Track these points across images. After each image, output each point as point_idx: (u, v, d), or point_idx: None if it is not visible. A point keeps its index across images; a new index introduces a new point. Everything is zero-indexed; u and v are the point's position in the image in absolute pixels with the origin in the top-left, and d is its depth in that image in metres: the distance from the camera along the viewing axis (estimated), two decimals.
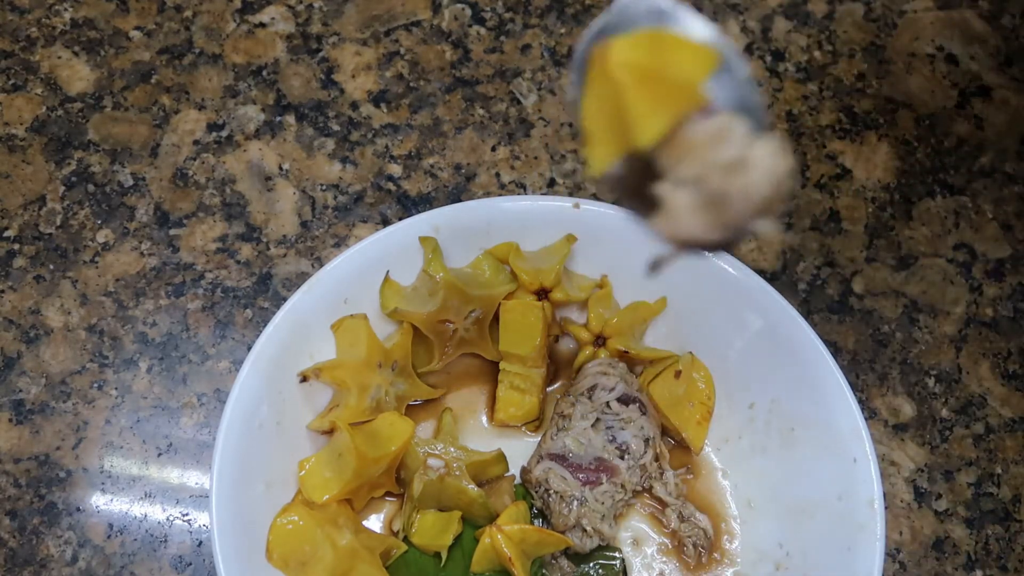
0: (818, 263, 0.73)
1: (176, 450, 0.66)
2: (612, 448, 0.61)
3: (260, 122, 0.76)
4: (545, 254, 0.64)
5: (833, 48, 0.81)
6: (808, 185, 0.75)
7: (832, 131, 0.78)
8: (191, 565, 0.63)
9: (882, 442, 0.67)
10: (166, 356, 0.68)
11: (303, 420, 0.61)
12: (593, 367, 0.63)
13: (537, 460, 0.62)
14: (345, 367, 0.61)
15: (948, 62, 0.81)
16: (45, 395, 0.67)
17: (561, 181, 0.75)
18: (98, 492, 0.64)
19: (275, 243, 0.72)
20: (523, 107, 0.78)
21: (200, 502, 0.64)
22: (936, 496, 0.66)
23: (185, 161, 0.75)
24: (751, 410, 0.63)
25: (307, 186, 0.74)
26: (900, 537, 0.65)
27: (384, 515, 0.62)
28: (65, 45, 0.79)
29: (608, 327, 0.64)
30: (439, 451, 0.60)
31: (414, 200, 0.74)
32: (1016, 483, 0.66)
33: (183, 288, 0.70)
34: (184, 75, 0.78)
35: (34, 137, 0.75)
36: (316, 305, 0.61)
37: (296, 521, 0.57)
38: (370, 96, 0.78)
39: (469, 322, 0.63)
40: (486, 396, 0.65)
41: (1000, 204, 0.75)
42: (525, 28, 0.81)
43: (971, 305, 0.72)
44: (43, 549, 0.63)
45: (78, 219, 0.72)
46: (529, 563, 0.58)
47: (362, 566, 0.57)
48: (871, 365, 0.69)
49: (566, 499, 0.60)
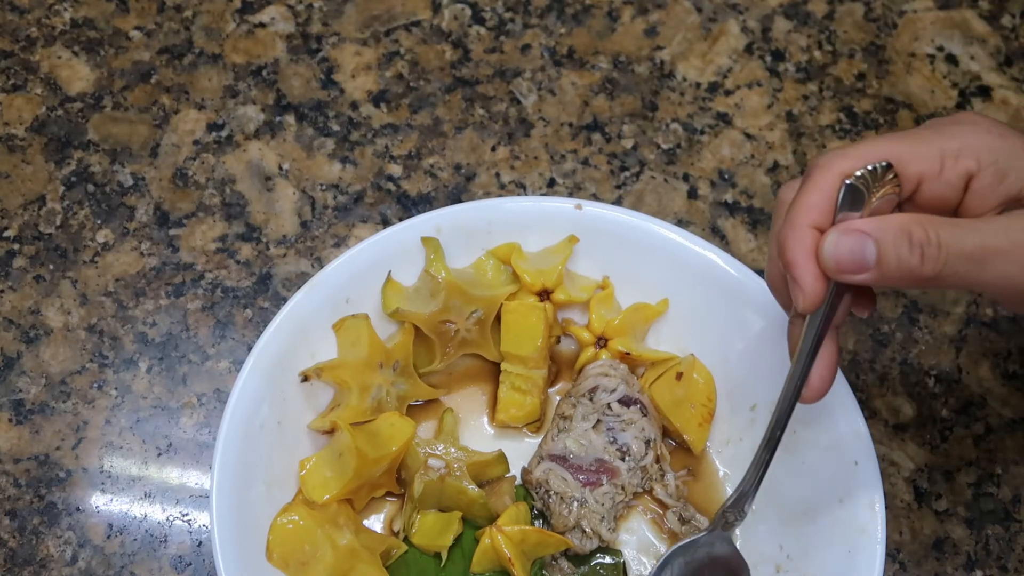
0: None
1: (176, 450, 0.66)
2: (613, 449, 0.61)
3: (260, 122, 0.76)
4: (547, 255, 0.64)
5: (833, 48, 0.81)
6: None
7: (832, 131, 0.78)
8: (191, 565, 0.63)
9: (882, 442, 0.67)
10: (166, 356, 0.68)
11: (304, 420, 0.61)
12: (594, 368, 0.63)
13: (538, 461, 0.62)
14: (346, 367, 0.61)
15: (948, 62, 0.81)
16: (45, 395, 0.67)
17: (561, 181, 0.75)
18: (98, 492, 0.64)
19: (275, 243, 0.72)
20: (523, 107, 0.78)
21: (200, 502, 0.64)
22: (936, 496, 0.66)
23: (185, 161, 0.75)
24: (752, 412, 0.63)
25: (307, 186, 0.74)
26: (900, 537, 0.65)
27: (384, 515, 0.62)
28: (65, 45, 0.79)
29: (610, 328, 0.64)
30: (440, 451, 0.60)
31: (414, 200, 0.74)
32: (1016, 483, 0.66)
33: (183, 288, 0.70)
34: (184, 75, 0.78)
35: (34, 137, 0.75)
36: (318, 305, 0.61)
37: (296, 521, 0.57)
38: (370, 96, 0.77)
39: (471, 323, 0.63)
40: (487, 397, 0.65)
41: None
42: (525, 28, 0.81)
43: (971, 305, 0.72)
44: (43, 549, 0.63)
45: (78, 219, 0.72)
46: (529, 564, 0.58)
47: (362, 566, 0.57)
48: (871, 365, 0.69)
49: (566, 500, 0.60)
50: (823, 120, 0.78)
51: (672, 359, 0.65)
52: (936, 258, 0.46)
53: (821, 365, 0.51)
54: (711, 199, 0.75)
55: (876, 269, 0.46)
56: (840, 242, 0.47)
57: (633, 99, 0.78)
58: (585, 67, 0.79)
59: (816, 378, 0.51)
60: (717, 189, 0.75)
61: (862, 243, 0.46)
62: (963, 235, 0.46)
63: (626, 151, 0.76)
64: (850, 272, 0.47)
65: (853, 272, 0.47)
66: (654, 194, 0.75)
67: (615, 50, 0.80)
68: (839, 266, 0.47)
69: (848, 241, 0.47)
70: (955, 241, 0.46)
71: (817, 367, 0.51)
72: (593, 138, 0.77)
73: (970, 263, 0.46)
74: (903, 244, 0.46)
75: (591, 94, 0.78)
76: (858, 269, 0.47)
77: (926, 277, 0.46)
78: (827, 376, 0.51)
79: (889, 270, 0.46)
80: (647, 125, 0.77)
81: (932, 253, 0.46)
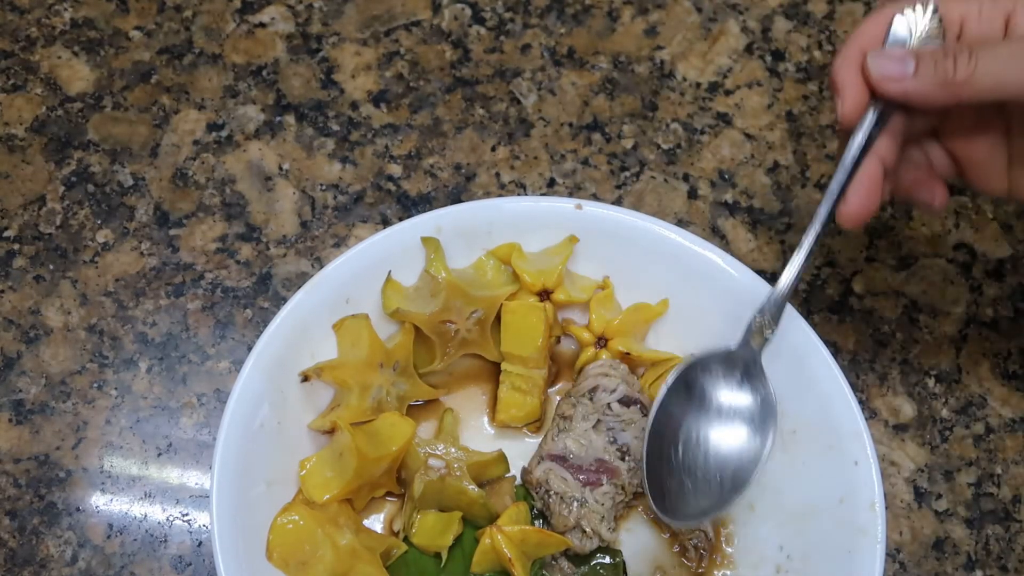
0: (818, 263, 0.73)
1: (176, 450, 0.66)
2: (613, 449, 0.61)
3: (260, 122, 0.76)
4: (547, 255, 0.64)
5: (833, 48, 0.81)
6: (808, 185, 0.75)
7: (832, 131, 0.78)
8: (191, 565, 0.63)
9: (882, 442, 0.67)
10: (166, 356, 0.68)
11: (304, 420, 0.61)
12: (595, 368, 0.63)
13: (538, 461, 0.62)
14: (346, 367, 0.61)
15: None
16: (45, 395, 0.67)
17: (561, 181, 0.75)
18: (98, 492, 0.64)
19: (275, 243, 0.72)
20: (523, 107, 0.78)
21: (200, 502, 0.64)
22: (936, 496, 0.66)
23: (185, 161, 0.75)
24: None
25: (307, 186, 0.74)
26: (900, 537, 0.65)
27: (385, 515, 0.62)
28: (65, 45, 0.79)
29: (610, 328, 0.64)
30: (440, 451, 0.60)
31: (414, 200, 0.74)
32: (1016, 483, 0.66)
33: (183, 288, 0.70)
34: (184, 75, 0.78)
35: (34, 137, 0.75)
36: (318, 304, 0.61)
37: (296, 521, 0.57)
38: (370, 96, 0.78)
39: (471, 323, 0.63)
40: (487, 397, 0.65)
41: (1000, 204, 0.75)
42: (525, 28, 0.81)
43: (971, 305, 0.72)
44: (43, 549, 0.63)
45: (78, 219, 0.72)
46: (529, 564, 0.58)
47: (362, 566, 0.57)
48: (871, 365, 0.69)
49: (566, 500, 0.60)
50: (823, 120, 0.78)
51: (672, 359, 0.65)
52: (967, 63, 0.51)
53: (860, 187, 0.55)
54: (711, 199, 0.75)
55: (914, 79, 0.52)
56: (882, 53, 0.53)
57: (633, 99, 0.78)
58: (585, 67, 0.79)
59: (853, 196, 0.55)
60: (717, 189, 0.75)
61: (902, 56, 0.53)
62: (996, 46, 0.52)
63: (626, 151, 0.76)
64: (889, 79, 0.53)
65: (891, 79, 0.53)
66: (654, 194, 0.75)
67: (615, 50, 0.80)
68: (879, 72, 0.53)
69: (890, 53, 0.53)
70: (987, 49, 0.51)
71: (855, 187, 0.55)
72: (593, 138, 0.77)
73: (1001, 62, 0.51)
74: (939, 55, 0.52)
75: (591, 94, 0.78)
76: (896, 76, 0.53)
77: (960, 82, 0.51)
78: (863, 198, 0.55)
79: (926, 77, 0.52)
80: (647, 125, 0.77)
81: (964, 59, 0.51)
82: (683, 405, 0.59)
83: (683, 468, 0.58)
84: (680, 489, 0.58)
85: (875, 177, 0.55)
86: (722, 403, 0.59)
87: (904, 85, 0.53)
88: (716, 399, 0.59)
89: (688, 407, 0.59)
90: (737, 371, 0.59)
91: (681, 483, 0.58)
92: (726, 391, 0.59)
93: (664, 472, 0.59)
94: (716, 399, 0.59)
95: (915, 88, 0.52)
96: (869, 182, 0.55)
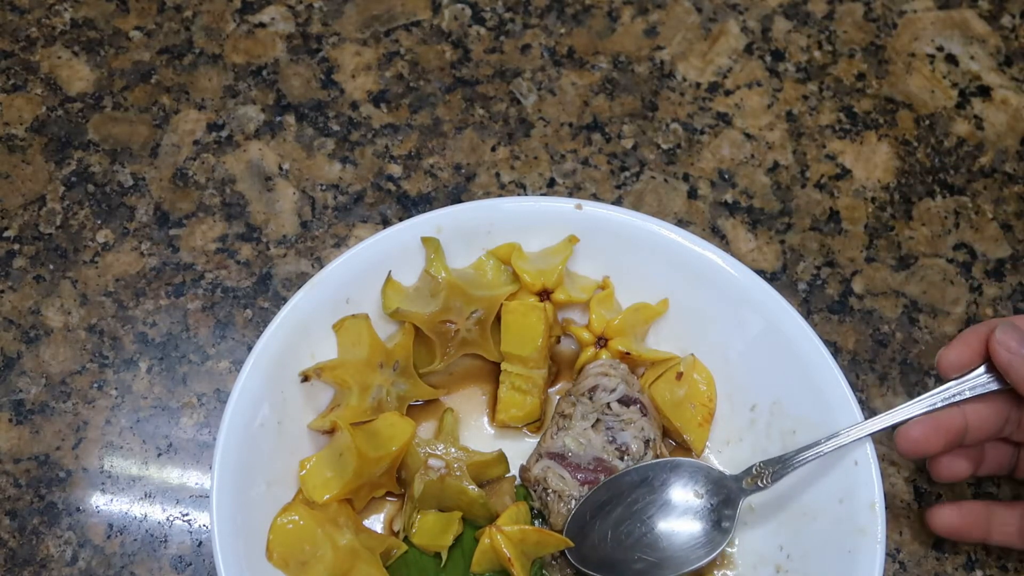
0: (818, 263, 0.73)
1: (176, 450, 0.66)
2: (612, 449, 0.61)
3: (260, 122, 0.76)
4: (547, 255, 0.64)
5: (833, 48, 0.81)
6: (808, 185, 0.75)
7: (832, 131, 0.78)
8: (191, 565, 0.63)
9: (882, 442, 0.67)
10: (166, 356, 0.68)
11: (304, 420, 0.61)
12: (594, 368, 0.63)
13: (536, 459, 0.62)
14: (346, 367, 0.61)
15: (948, 62, 0.81)
16: (45, 395, 0.67)
17: (561, 181, 0.75)
18: (98, 492, 0.64)
19: (275, 243, 0.72)
20: (523, 107, 0.78)
21: (200, 502, 0.64)
22: (936, 496, 0.66)
23: (185, 161, 0.75)
24: (752, 412, 0.63)
25: (307, 186, 0.74)
26: (900, 537, 0.65)
27: (385, 515, 0.62)
28: (65, 45, 0.79)
29: (610, 328, 0.64)
30: (440, 451, 0.60)
31: (414, 200, 0.74)
32: (1016, 483, 0.66)
33: (183, 288, 0.70)
34: (184, 75, 0.78)
35: (34, 137, 0.75)
36: (318, 304, 0.61)
37: (296, 521, 0.57)
38: (370, 96, 0.78)
39: (471, 323, 0.63)
40: (487, 397, 0.65)
41: (1000, 204, 0.75)
42: (525, 28, 0.81)
43: (971, 305, 0.72)
44: (43, 549, 0.63)
45: (78, 219, 0.72)
46: (529, 564, 0.58)
47: (362, 566, 0.57)
48: (871, 365, 0.69)
49: (564, 498, 0.60)
50: (823, 120, 0.78)
51: (672, 359, 0.65)
52: None
53: (927, 424, 0.57)
54: (711, 199, 0.75)
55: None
56: (1017, 326, 0.56)
57: (633, 99, 0.78)
58: (585, 67, 0.79)
59: (915, 426, 0.57)
60: (717, 189, 0.75)
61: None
62: None
63: (626, 151, 0.76)
64: (1004, 346, 0.55)
65: (1007, 348, 0.55)
66: (654, 194, 0.75)
67: (615, 50, 0.80)
68: (1002, 335, 0.55)
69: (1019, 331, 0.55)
70: None
71: (922, 422, 0.57)
72: (593, 138, 0.77)
73: None
74: None
75: (591, 94, 0.78)
76: (1014, 348, 0.55)
77: None
78: (926, 434, 0.57)
79: None
80: (647, 125, 0.77)
81: None
82: (652, 484, 0.60)
83: (611, 529, 0.60)
84: (601, 543, 0.59)
85: (949, 432, 0.57)
86: (687, 505, 0.60)
87: (1012, 358, 0.54)
88: (684, 500, 0.60)
89: (655, 488, 0.60)
90: (718, 495, 0.60)
91: (603, 538, 0.59)
92: (695, 500, 0.60)
93: (591, 525, 0.59)
94: (684, 500, 0.60)
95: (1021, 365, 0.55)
96: (938, 428, 0.57)
